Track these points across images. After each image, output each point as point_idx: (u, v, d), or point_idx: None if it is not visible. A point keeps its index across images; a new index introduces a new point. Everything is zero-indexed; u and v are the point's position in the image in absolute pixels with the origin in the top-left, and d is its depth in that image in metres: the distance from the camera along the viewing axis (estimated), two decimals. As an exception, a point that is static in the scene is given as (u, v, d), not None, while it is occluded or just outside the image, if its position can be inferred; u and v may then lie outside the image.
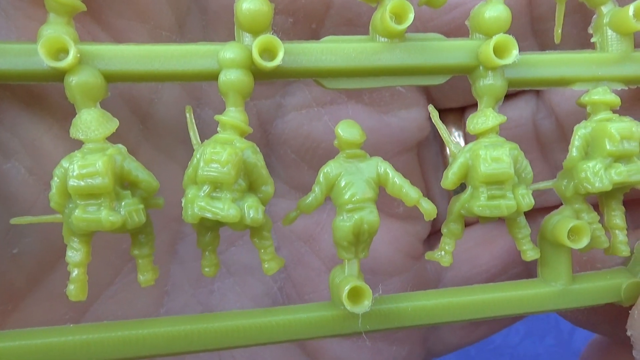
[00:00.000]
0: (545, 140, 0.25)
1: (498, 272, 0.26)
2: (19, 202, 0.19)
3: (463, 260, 0.26)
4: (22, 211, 0.19)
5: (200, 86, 0.22)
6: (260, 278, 0.24)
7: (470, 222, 0.26)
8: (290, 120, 0.23)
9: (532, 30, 0.23)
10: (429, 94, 0.25)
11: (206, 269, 0.19)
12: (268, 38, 0.18)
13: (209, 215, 0.17)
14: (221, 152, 0.17)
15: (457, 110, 0.26)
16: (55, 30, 0.17)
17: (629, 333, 0.21)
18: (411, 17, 0.18)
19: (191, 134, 0.19)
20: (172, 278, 0.23)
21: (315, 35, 0.22)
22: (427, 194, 0.26)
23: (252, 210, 0.17)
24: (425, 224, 0.26)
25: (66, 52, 0.16)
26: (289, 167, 0.24)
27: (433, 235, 0.27)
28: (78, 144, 0.17)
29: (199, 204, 0.17)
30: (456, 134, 0.26)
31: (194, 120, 0.19)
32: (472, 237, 0.26)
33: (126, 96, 0.20)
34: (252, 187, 0.18)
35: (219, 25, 0.21)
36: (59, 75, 0.17)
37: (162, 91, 0.21)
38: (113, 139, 0.17)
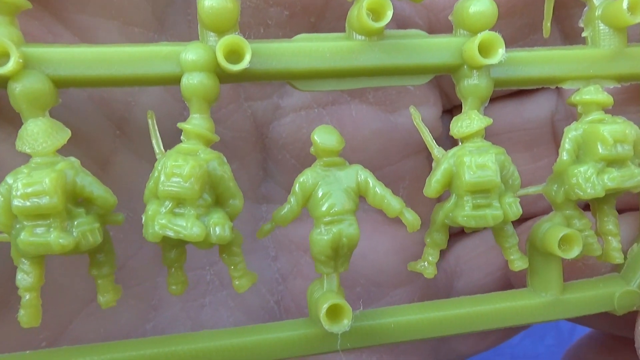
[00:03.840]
0: None
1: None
2: None
3: (475, 267, 0.24)
4: None
5: None
6: (255, 291, 0.23)
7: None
8: (288, 123, 0.22)
9: (555, 17, 0.21)
10: (441, 90, 0.23)
11: (172, 287, 0.17)
12: (233, 38, 0.16)
13: (170, 234, 0.15)
14: (183, 165, 0.15)
15: None
16: (-5, 32, 0.15)
17: (637, 345, 0.20)
18: (389, 14, 0.17)
19: (153, 142, 0.17)
20: (160, 291, 0.22)
21: (314, 30, 0.20)
22: (438, 199, 0.24)
23: (218, 227, 0.16)
24: None
25: (8, 56, 0.15)
26: (288, 173, 0.22)
27: None
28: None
29: (159, 221, 0.15)
30: None
31: (156, 127, 0.18)
32: (484, 240, 0.25)
33: (96, 99, 0.19)
34: (219, 201, 0.17)
35: None
36: (1, 82, 0.15)
37: (140, 94, 0.19)
38: (84, 146, 0.16)
